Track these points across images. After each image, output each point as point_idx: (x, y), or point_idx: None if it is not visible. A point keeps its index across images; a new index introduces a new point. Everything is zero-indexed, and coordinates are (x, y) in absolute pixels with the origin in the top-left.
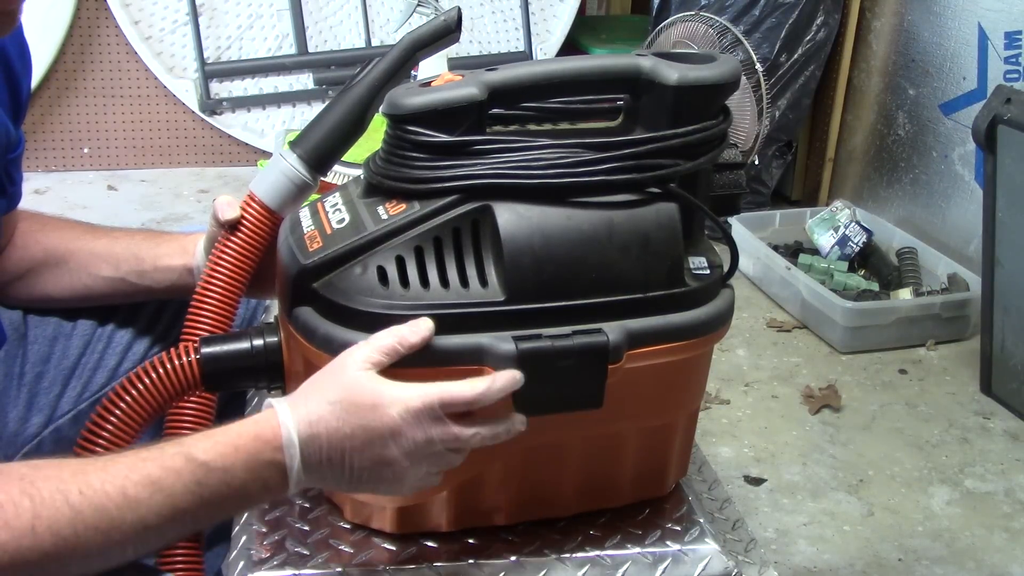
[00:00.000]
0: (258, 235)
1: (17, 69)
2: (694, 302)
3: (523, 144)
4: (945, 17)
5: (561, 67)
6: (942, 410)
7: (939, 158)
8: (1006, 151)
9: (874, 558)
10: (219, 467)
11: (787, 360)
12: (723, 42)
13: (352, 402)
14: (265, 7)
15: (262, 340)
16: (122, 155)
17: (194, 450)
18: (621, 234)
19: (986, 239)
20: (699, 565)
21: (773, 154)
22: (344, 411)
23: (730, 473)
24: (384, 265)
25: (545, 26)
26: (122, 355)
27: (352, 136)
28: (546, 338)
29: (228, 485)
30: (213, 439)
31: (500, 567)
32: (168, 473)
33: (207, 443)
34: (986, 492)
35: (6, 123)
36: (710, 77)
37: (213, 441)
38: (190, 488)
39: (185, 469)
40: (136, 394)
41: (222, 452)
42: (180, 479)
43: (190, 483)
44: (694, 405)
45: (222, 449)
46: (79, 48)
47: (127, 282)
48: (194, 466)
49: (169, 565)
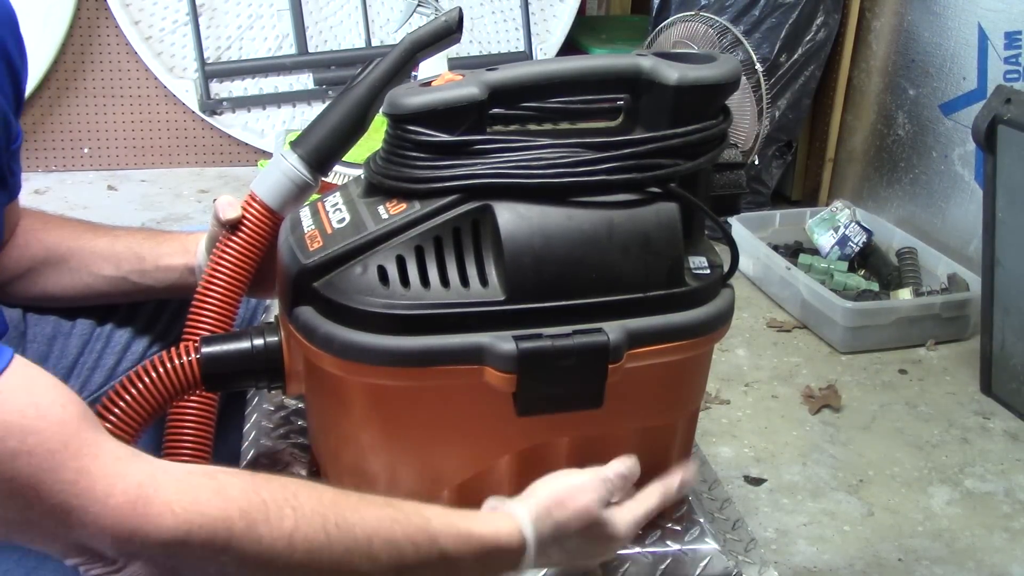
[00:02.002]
0: (259, 235)
1: (16, 62)
2: (694, 302)
3: (523, 144)
4: (945, 17)
5: (561, 67)
6: (942, 410)
7: (939, 158)
8: (1006, 151)
9: (874, 558)
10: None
11: (787, 360)
12: (723, 42)
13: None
14: (265, 7)
15: (262, 340)
16: (122, 155)
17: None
18: (621, 234)
19: (986, 239)
20: (699, 565)
21: (773, 154)
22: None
23: (730, 473)
24: (384, 265)
25: (545, 26)
26: (121, 355)
27: (353, 136)
28: (546, 338)
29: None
30: (456, 528)
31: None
32: (410, 544)
33: (453, 529)
34: (986, 492)
35: (8, 115)
36: (710, 77)
37: (457, 530)
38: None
39: (426, 547)
40: (136, 393)
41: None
42: (419, 554)
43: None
44: (694, 405)
45: (463, 544)
46: (79, 48)
47: (128, 281)
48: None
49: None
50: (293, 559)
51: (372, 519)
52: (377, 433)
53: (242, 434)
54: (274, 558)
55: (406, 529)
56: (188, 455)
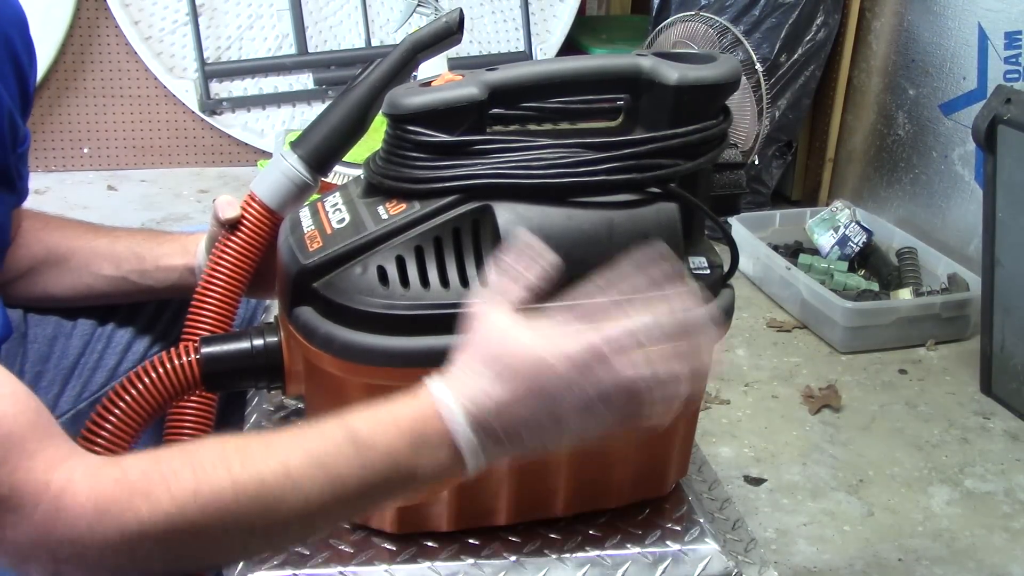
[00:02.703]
0: (258, 235)
1: (25, 64)
2: None
3: (523, 144)
4: (945, 17)
5: (561, 67)
6: (942, 410)
7: (939, 158)
8: (1006, 151)
9: (874, 558)
10: (383, 446)
11: (787, 360)
12: (723, 42)
13: (510, 367)
14: (265, 7)
15: (262, 340)
16: (122, 155)
17: (356, 426)
18: (621, 234)
19: (986, 239)
20: (699, 565)
21: (773, 154)
22: (504, 379)
23: (730, 473)
24: (384, 265)
25: (545, 26)
26: (122, 355)
27: (353, 137)
28: None
29: (395, 466)
30: (375, 417)
31: (500, 567)
32: (330, 449)
33: (369, 421)
34: (986, 492)
35: (15, 117)
36: (710, 77)
37: (375, 420)
38: (354, 467)
39: (348, 447)
40: (136, 394)
41: (385, 430)
42: (343, 456)
43: (354, 462)
44: (694, 405)
45: (384, 428)
46: (79, 48)
47: (128, 281)
48: (357, 444)
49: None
50: (208, 516)
51: (283, 444)
52: None
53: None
54: (190, 524)
55: (322, 438)
56: None
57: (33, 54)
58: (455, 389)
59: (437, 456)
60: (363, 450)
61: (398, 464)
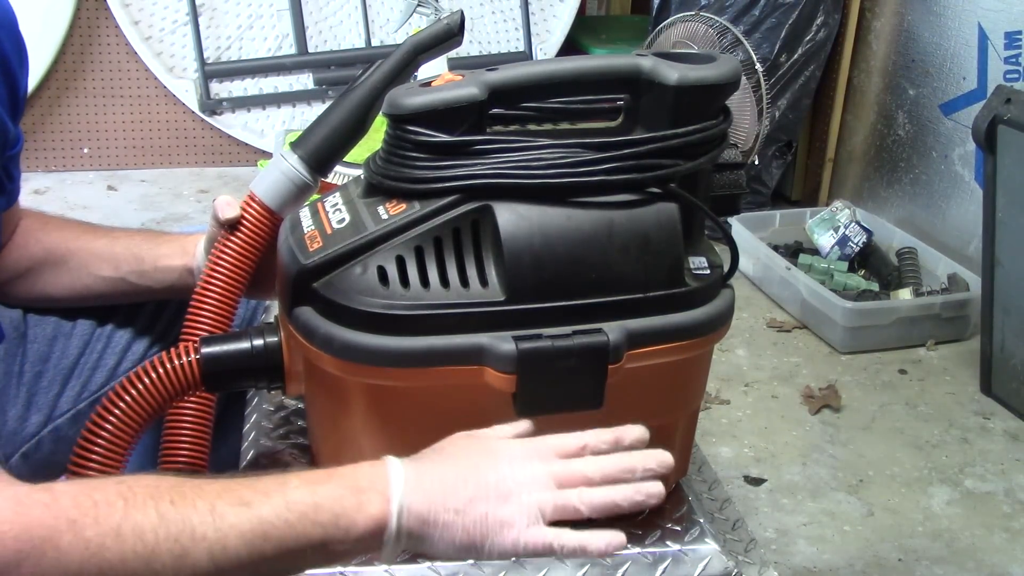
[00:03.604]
0: (258, 235)
1: (14, 65)
2: (694, 302)
3: (523, 144)
4: (945, 17)
5: (561, 67)
6: (942, 410)
7: (939, 158)
8: (1006, 151)
9: (874, 558)
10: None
11: (787, 360)
12: (723, 42)
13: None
14: (265, 7)
15: (262, 340)
16: (122, 155)
17: (289, 478)
18: (621, 234)
19: (986, 239)
20: (699, 565)
21: (773, 154)
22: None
23: (730, 473)
24: (384, 265)
25: (545, 26)
26: (121, 355)
27: (353, 138)
28: (546, 338)
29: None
30: (313, 474)
31: (500, 567)
32: (258, 495)
33: (305, 475)
34: (986, 492)
35: (4, 120)
36: (710, 77)
37: (313, 474)
38: (279, 513)
39: (276, 493)
40: (136, 394)
41: (319, 480)
42: (269, 501)
43: (280, 507)
44: (694, 405)
45: (320, 479)
46: (79, 48)
47: (127, 282)
48: (285, 492)
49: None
50: (125, 551)
51: (216, 487)
52: (377, 434)
53: (242, 434)
54: (108, 557)
55: (255, 485)
56: (185, 456)
57: (24, 55)
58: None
59: (360, 545)
60: (291, 495)
61: (325, 549)
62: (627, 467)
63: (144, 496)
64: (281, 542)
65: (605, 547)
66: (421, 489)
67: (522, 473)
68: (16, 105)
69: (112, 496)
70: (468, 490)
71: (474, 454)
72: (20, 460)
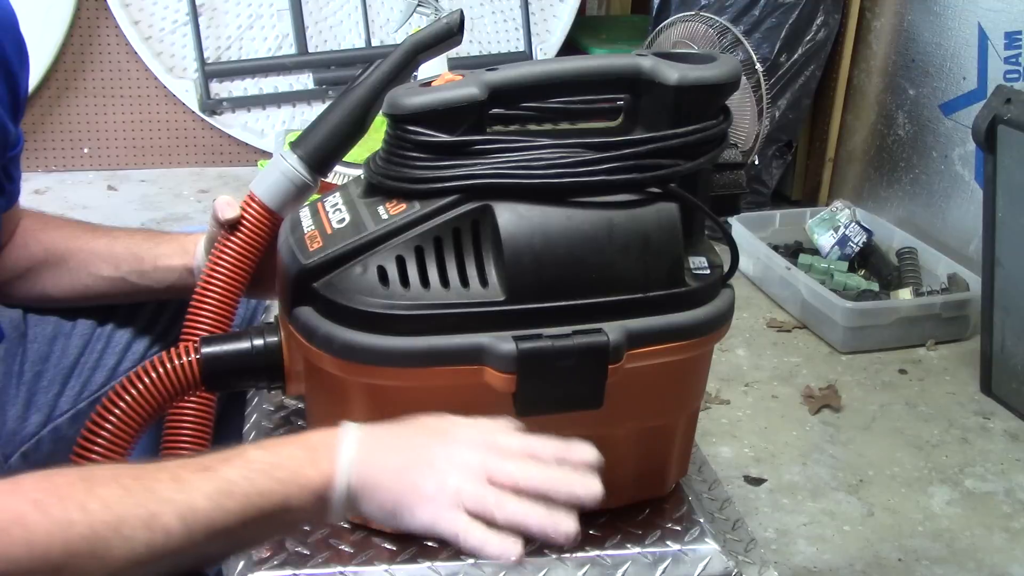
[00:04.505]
0: (258, 235)
1: (15, 66)
2: (694, 302)
3: (523, 144)
4: (945, 17)
5: (561, 67)
6: (942, 410)
7: (939, 158)
8: (1006, 151)
9: (874, 558)
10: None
11: (787, 360)
12: (723, 42)
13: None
14: (265, 7)
15: (262, 340)
16: (122, 155)
17: (248, 445)
18: (621, 234)
19: (986, 239)
20: (699, 565)
21: (773, 154)
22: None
23: (730, 473)
24: (384, 265)
25: (545, 26)
26: (121, 354)
27: (353, 138)
28: (546, 338)
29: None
30: (270, 440)
31: (500, 567)
32: (218, 461)
33: (263, 441)
34: (986, 492)
35: (5, 121)
36: (710, 77)
37: (270, 440)
38: (241, 472)
39: (236, 457)
40: (136, 394)
41: (277, 444)
42: (230, 463)
43: (240, 467)
44: (694, 405)
45: (278, 443)
46: (79, 48)
47: (127, 282)
48: (245, 454)
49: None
50: (94, 519)
51: (178, 460)
52: None
53: (242, 434)
54: (73, 528)
55: (215, 453)
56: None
57: (25, 56)
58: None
59: (315, 503)
60: (255, 486)
61: (286, 507)
62: (554, 484)
63: (106, 476)
64: (245, 499)
65: (499, 553)
66: (367, 450)
67: (459, 456)
68: (17, 106)
69: (73, 479)
70: (406, 458)
71: (427, 429)
72: (20, 460)
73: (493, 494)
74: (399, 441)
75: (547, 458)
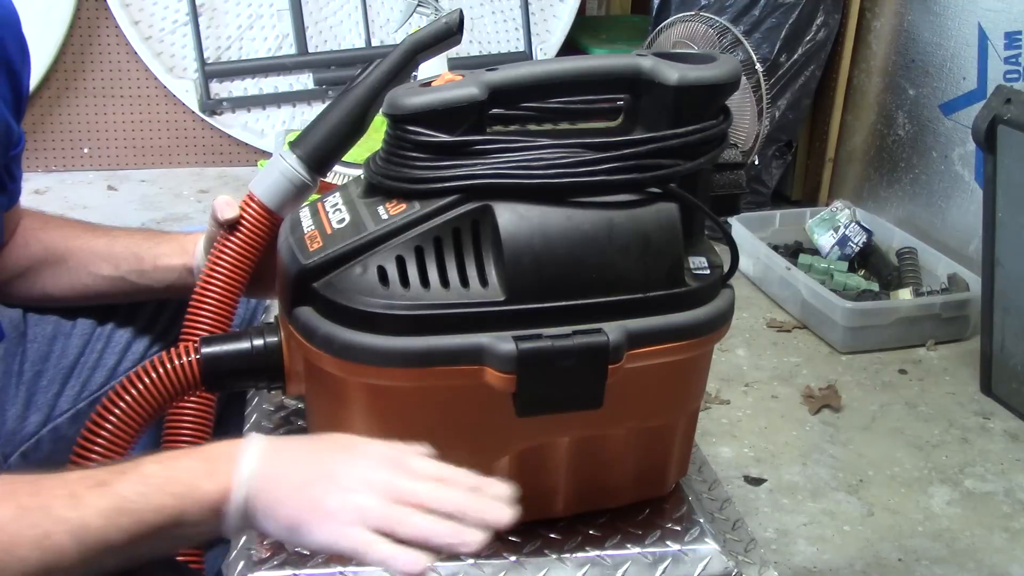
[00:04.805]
0: (257, 235)
1: (17, 65)
2: (694, 302)
3: (523, 144)
4: (945, 17)
5: (561, 67)
6: (942, 410)
7: (939, 158)
8: (1006, 151)
9: (874, 558)
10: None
11: (787, 360)
12: (723, 42)
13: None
14: (265, 7)
15: (262, 340)
16: (122, 155)
17: (147, 457)
18: (621, 234)
19: (986, 239)
20: (699, 565)
21: (773, 154)
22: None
23: (730, 473)
24: (384, 265)
25: (545, 26)
26: (121, 354)
27: (352, 138)
28: (546, 338)
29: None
30: (174, 451)
31: (500, 567)
32: (115, 475)
33: (166, 453)
34: (986, 492)
35: (8, 119)
36: (710, 77)
37: (174, 452)
38: (135, 487)
39: (132, 471)
40: (136, 394)
41: (177, 456)
42: (125, 479)
43: (135, 482)
44: (694, 405)
45: (178, 455)
46: (79, 48)
47: (127, 281)
48: (141, 468)
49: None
50: None
51: (76, 475)
52: (377, 434)
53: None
54: None
55: (112, 467)
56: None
57: (27, 54)
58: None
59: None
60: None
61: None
62: (462, 507)
63: (3, 493)
64: (139, 515)
65: (404, 566)
66: (267, 464)
67: (366, 475)
68: (19, 104)
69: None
70: (308, 473)
71: (335, 445)
72: (19, 459)
73: (396, 512)
74: (303, 455)
75: (459, 485)
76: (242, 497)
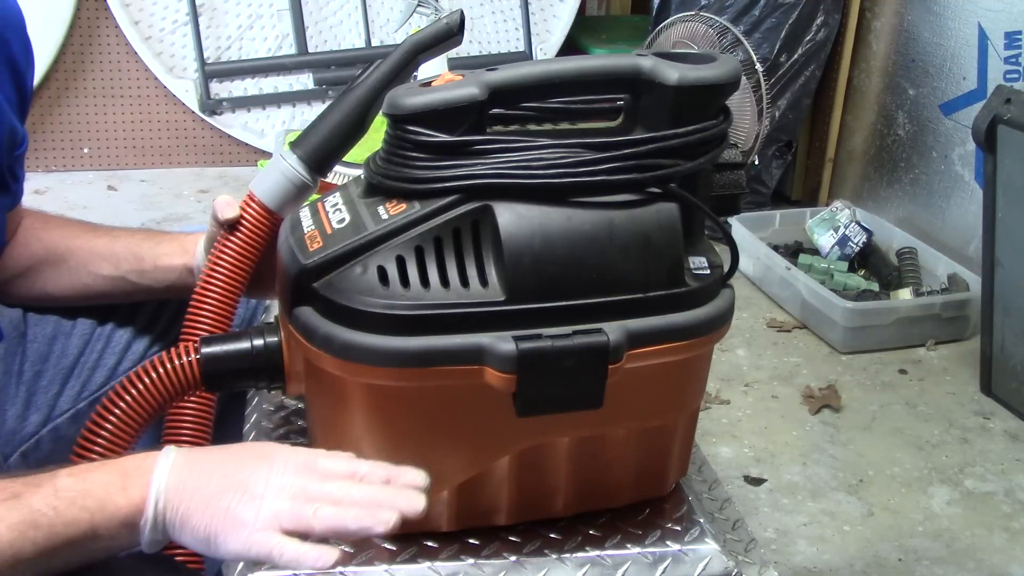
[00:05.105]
0: (257, 235)
1: (21, 65)
2: (694, 302)
3: (523, 144)
4: (945, 17)
5: (561, 67)
6: (942, 410)
7: (939, 158)
8: (1006, 151)
9: (874, 558)
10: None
11: (787, 360)
12: (723, 42)
13: None
14: (265, 7)
15: (262, 340)
16: (122, 155)
17: (62, 469)
18: (621, 234)
19: (986, 239)
20: (699, 565)
21: (773, 154)
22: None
23: (730, 473)
24: (384, 265)
25: (545, 26)
26: (121, 354)
27: (352, 138)
28: (546, 338)
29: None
30: (91, 464)
31: (500, 567)
32: (29, 488)
33: (82, 465)
34: (986, 492)
35: (12, 120)
36: (710, 77)
37: (90, 464)
38: (48, 501)
39: (46, 483)
40: (136, 394)
41: (92, 469)
42: (39, 492)
43: (48, 495)
44: (694, 405)
45: (93, 467)
46: (79, 48)
47: (127, 281)
48: (55, 481)
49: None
50: None
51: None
52: (377, 433)
53: (242, 434)
54: None
55: (27, 480)
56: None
57: (31, 55)
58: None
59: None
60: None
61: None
62: (375, 500)
63: None
64: (51, 529)
65: (314, 562)
66: (181, 476)
67: (277, 480)
68: (23, 105)
69: None
70: (220, 483)
71: (249, 454)
72: (19, 459)
73: (308, 509)
74: (216, 466)
75: (372, 479)
76: (156, 511)
